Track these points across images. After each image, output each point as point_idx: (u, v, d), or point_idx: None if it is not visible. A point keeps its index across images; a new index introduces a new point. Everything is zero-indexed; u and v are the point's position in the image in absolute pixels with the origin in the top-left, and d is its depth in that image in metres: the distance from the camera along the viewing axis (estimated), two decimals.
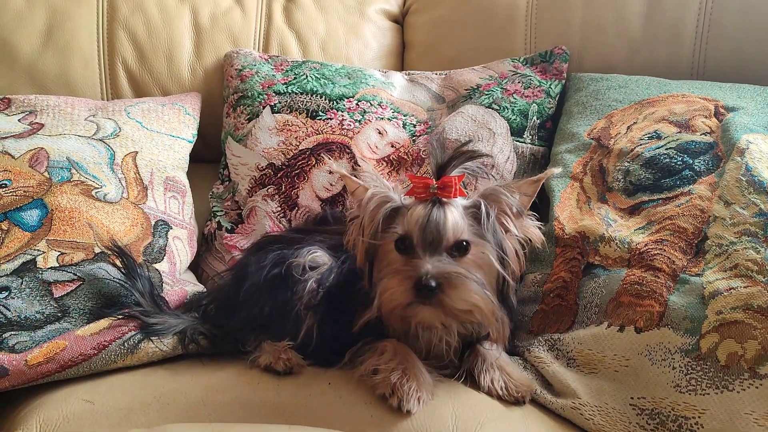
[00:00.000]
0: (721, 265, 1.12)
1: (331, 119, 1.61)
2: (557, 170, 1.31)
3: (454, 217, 1.06)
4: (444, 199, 1.07)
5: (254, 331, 1.19)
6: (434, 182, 1.07)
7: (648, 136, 1.37)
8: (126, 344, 1.17)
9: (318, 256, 1.20)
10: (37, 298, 1.21)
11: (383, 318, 1.10)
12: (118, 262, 1.28)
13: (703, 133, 1.33)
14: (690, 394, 1.03)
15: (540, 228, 1.16)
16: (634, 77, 1.56)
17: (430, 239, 1.05)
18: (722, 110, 1.36)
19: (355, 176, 1.16)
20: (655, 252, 1.18)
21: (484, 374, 1.14)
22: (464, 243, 1.07)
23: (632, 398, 1.07)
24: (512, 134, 1.56)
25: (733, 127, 1.29)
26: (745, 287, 1.06)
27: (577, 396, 1.11)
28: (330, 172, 1.55)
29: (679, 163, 1.30)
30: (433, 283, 1.02)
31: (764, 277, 1.06)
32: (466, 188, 1.11)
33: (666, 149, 1.33)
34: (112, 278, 1.26)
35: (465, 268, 1.06)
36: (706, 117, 1.36)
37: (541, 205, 1.31)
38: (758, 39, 1.53)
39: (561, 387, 1.14)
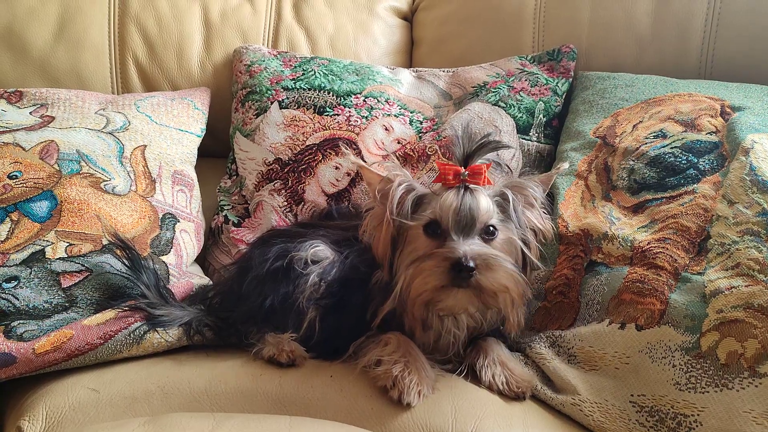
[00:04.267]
0: (723, 263, 1.12)
1: (338, 115, 1.62)
2: (566, 165, 1.32)
3: (486, 201, 1.09)
4: (473, 186, 1.09)
5: (257, 324, 1.20)
6: (464, 169, 1.09)
7: (653, 134, 1.37)
8: (132, 335, 1.19)
9: (320, 250, 1.22)
10: (46, 287, 1.23)
11: (406, 305, 1.10)
12: (122, 255, 1.29)
13: (709, 133, 1.33)
14: (690, 392, 1.03)
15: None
16: (640, 76, 1.56)
17: (464, 223, 1.07)
18: (728, 110, 1.36)
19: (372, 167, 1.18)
20: (658, 250, 1.18)
21: (485, 369, 1.15)
22: (492, 227, 1.10)
23: (632, 395, 1.08)
24: (518, 132, 1.56)
25: (738, 127, 1.29)
26: (746, 286, 1.06)
27: (577, 392, 1.12)
28: (336, 168, 1.56)
29: (683, 162, 1.30)
30: (472, 264, 1.03)
31: (766, 277, 1.06)
32: None
33: (671, 148, 1.33)
34: (117, 271, 1.28)
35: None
36: (712, 116, 1.36)
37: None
38: (767, 38, 1.52)
39: (561, 383, 1.15)
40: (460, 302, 1.09)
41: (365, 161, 1.54)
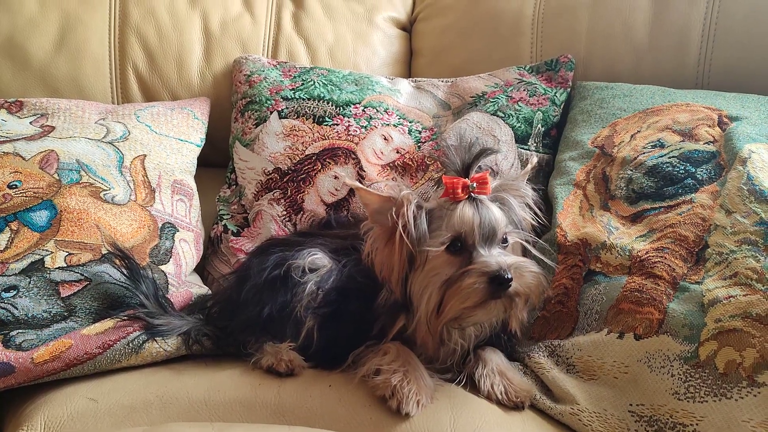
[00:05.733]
0: (721, 273, 1.12)
1: (337, 125, 1.62)
2: (535, 159, 1.32)
3: (498, 211, 1.10)
4: (480, 196, 1.09)
5: (256, 333, 1.20)
6: (470, 182, 1.09)
7: (651, 144, 1.38)
8: (131, 344, 1.19)
9: (318, 258, 1.22)
10: (45, 297, 1.23)
11: (431, 323, 1.09)
12: (121, 265, 1.29)
13: (706, 142, 1.33)
14: (688, 401, 1.03)
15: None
16: (638, 86, 1.57)
17: (487, 236, 1.08)
18: (726, 119, 1.36)
19: (370, 187, 1.17)
20: (656, 260, 1.18)
21: (484, 379, 1.15)
22: (505, 235, 1.11)
23: (631, 405, 1.07)
24: (517, 141, 1.57)
25: (735, 137, 1.29)
26: (744, 295, 1.06)
27: (576, 402, 1.11)
28: (335, 177, 1.56)
29: (681, 171, 1.30)
30: (510, 275, 1.04)
31: (763, 286, 1.06)
32: None
33: (669, 158, 1.33)
34: (115, 281, 1.28)
35: None
36: (709, 126, 1.36)
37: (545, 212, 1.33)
38: (764, 48, 1.53)
39: (560, 393, 1.14)
40: (492, 313, 1.10)
41: (364, 171, 1.55)
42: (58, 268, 1.27)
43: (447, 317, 1.09)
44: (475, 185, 1.09)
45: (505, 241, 1.11)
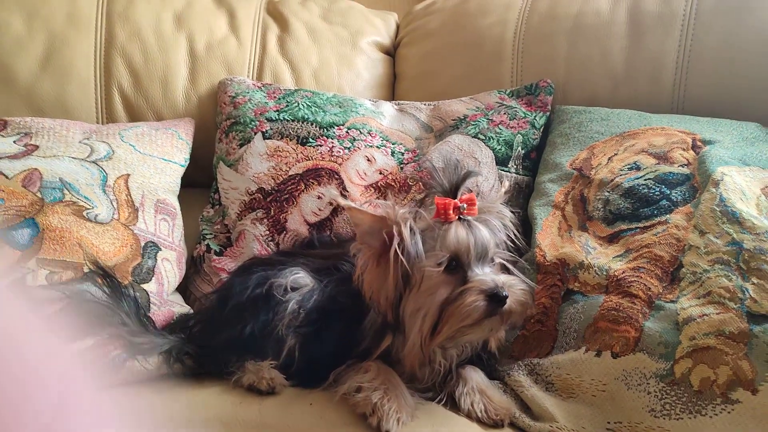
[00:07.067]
0: (695, 292, 1.14)
1: (321, 146, 1.64)
2: (507, 183, 1.33)
3: (487, 230, 1.13)
4: (468, 217, 1.12)
5: (237, 351, 1.20)
6: (461, 203, 1.12)
7: (628, 167, 1.41)
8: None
9: (300, 277, 1.23)
10: None
11: (424, 345, 1.11)
12: (102, 283, 1.29)
13: (681, 165, 1.37)
14: (664, 418, 1.04)
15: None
16: (615, 110, 1.60)
17: (481, 255, 1.11)
18: (699, 143, 1.40)
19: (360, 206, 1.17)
20: (632, 279, 1.20)
21: (464, 397, 1.16)
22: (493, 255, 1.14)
23: (609, 423, 1.09)
24: (497, 164, 1.59)
25: (709, 160, 1.33)
26: (717, 314, 1.09)
27: (555, 420, 1.12)
28: (319, 198, 1.58)
29: (656, 193, 1.33)
30: (506, 292, 1.07)
31: (736, 305, 1.09)
32: None
33: (645, 180, 1.36)
34: (96, 300, 1.28)
35: None
36: (683, 149, 1.40)
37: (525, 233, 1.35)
38: (736, 75, 1.58)
39: (539, 411, 1.15)
40: (485, 331, 1.12)
41: (347, 191, 1.57)
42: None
43: (443, 337, 1.10)
44: (465, 206, 1.12)
45: (493, 260, 1.14)
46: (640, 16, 1.69)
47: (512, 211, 1.20)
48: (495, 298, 1.07)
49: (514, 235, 1.20)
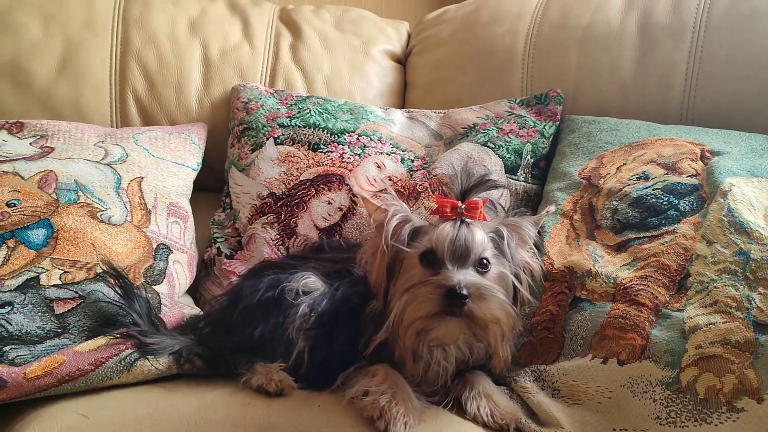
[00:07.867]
0: (702, 301, 1.15)
1: (331, 152, 1.66)
2: (553, 208, 1.35)
3: (481, 234, 1.13)
4: (469, 220, 1.14)
5: (247, 353, 1.21)
6: (461, 203, 1.14)
7: (636, 176, 1.42)
8: (123, 362, 1.20)
9: (311, 281, 1.24)
10: (39, 313, 1.24)
11: (398, 334, 1.12)
12: (115, 284, 1.31)
13: (689, 176, 1.37)
14: (670, 426, 1.05)
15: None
16: (625, 121, 1.61)
17: (459, 253, 1.11)
18: (708, 154, 1.41)
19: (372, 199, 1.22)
20: (640, 287, 1.21)
21: (471, 401, 1.17)
22: (485, 260, 1.14)
23: (614, 429, 1.09)
24: (506, 172, 1.61)
25: (717, 171, 1.34)
26: (723, 323, 1.09)
27: (560, 426, 1.13)
28: (329, 203, 1.59)
29: (665, 203, 1.34)
30: (465, 292, 1.06)
31: (742, 314, 1.10)
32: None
33: (653, 190, 1.37)
34: (109, 300, 1.30)
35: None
36: (692, 160, 1.41)
37: None
38: (745, 87, 1.59)
39: (545, 417, 1.16)
40: (451, 331, 1.11)
41: (357, 197, 1.58)
42: (53, 285, 1.28)
43: (407, 327, 1.10)
44: (463, 207, 1.13)
45: (484, 266, 1.14)
46: (651, 27, 1.70)
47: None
48: (450, 293, 1.06)
49: (535, 254, 1.21)
